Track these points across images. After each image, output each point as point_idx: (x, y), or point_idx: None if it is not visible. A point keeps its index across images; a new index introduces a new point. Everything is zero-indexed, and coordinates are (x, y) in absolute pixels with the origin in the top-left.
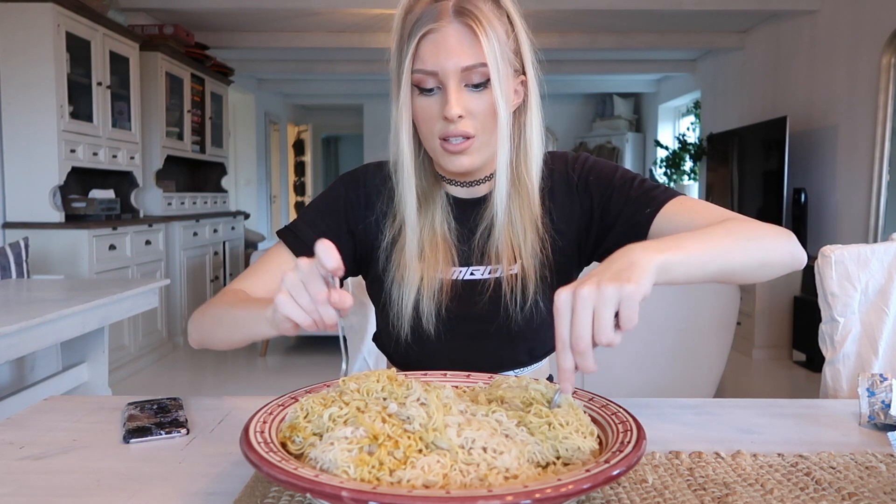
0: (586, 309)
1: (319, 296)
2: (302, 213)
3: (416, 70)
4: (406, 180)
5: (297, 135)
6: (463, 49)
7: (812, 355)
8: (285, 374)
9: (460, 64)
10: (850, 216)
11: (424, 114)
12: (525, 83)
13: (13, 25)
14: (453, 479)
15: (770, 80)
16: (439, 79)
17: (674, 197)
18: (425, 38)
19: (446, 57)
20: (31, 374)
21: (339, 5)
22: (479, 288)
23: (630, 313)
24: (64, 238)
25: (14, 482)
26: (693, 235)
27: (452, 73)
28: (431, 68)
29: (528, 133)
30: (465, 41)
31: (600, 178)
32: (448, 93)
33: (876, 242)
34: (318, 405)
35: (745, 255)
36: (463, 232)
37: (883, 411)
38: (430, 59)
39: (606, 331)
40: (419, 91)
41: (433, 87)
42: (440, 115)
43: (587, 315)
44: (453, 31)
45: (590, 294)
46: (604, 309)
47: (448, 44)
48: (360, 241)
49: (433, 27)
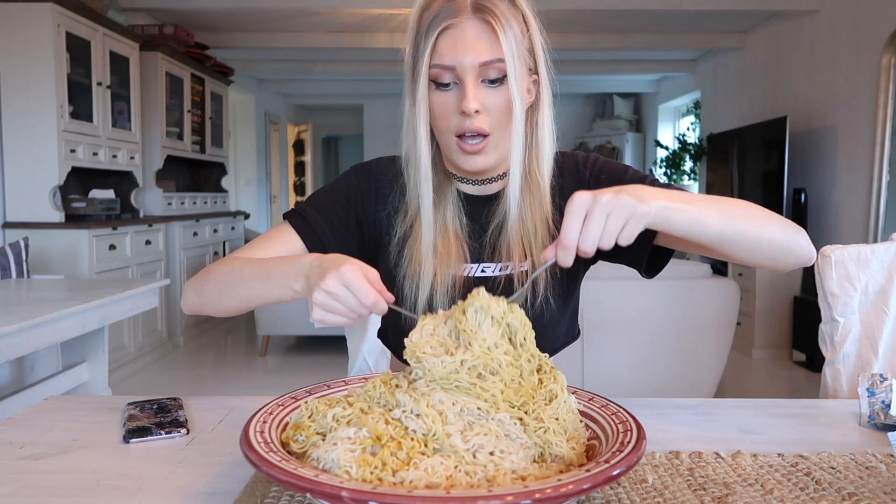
0: (602, 213)
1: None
2: (310, 198)
3: (434, 65)
4: (423, 175)
5: (297, 135)
6: (481, 44)
7: (812, 355)
8: (285, 374)
9: (478, 59)
10: (850, 216)
11: (440, 109)
12: (538, 82)
13: (13, 25)
14: (458, 480)
15: (770, 80)
16: (456, 74)
17: None
18: (444, 33)
19: (464, 52)
20: (31, 374)
21: (339, 5)
22: (489, 284)
23: (634, 230)
24: (64, 238)
25: (14, 482)
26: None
27: (470, 68)
28: (449, 63)
29: (540, 131)
30: (482, 37)
31: (611, 178)
32: (465, 87)
33: (876, 242)
34: (323, 405)
35: (749, 225)
36: (474, 228)
37: (883, 411)
38: (448, 54)
39: (611, 236)
40: (436, 86)
41: (450, 82)
42: (456, 110)
43: (601, 218)
44: (471, 26)
45: (609, 201)
46: (616, 218)
47: (466, 39)
48: (368, 233)
49: (452, 23)
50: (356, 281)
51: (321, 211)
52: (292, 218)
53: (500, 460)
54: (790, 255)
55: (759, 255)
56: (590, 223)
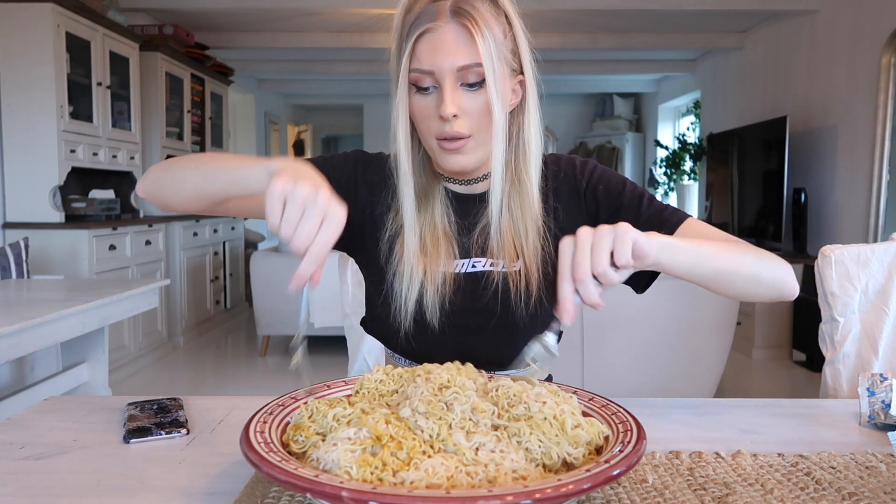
0: (585, 243)
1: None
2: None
3: (413, 69)
4: (403, 178)
5: (297, 135)
6: (459, 49)
7: (812, 355)
8: (285, 374)
9: (456, 64)
10: (850, 216)
11: (421, 112)
12: (523, 83)
13: (13, 25)
14: (458, 480)
15: (770, 80)
16: (435, 78)
17: (684, 220)
18: (422, 37)
19: (442, 57)
20: (31, 374)
21: (339, 5)
22: (482, 282)
23: (623, 248)
24: (64, 238)
25: (14, 482)
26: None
27: (448, 72)
28: (428, 67)
29: (525, 133)
30: (460, 41)
31: (609, 189)
32: (443, 92)
33: (876, 242)
34: (323, 405)
35: (740, 264)
36: (463, 225)
37: (883, 411)
38: (427, 58)
39: (602, 261)
40: (416, 90)
41: (429, 86)
42: (436, 114)
43: (586, 248)
44: (449, 30)
45: (588, 233)
46: (600, 243)
47: (444, 43)
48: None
49: (430, 27)
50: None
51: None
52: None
53: (501, 459)
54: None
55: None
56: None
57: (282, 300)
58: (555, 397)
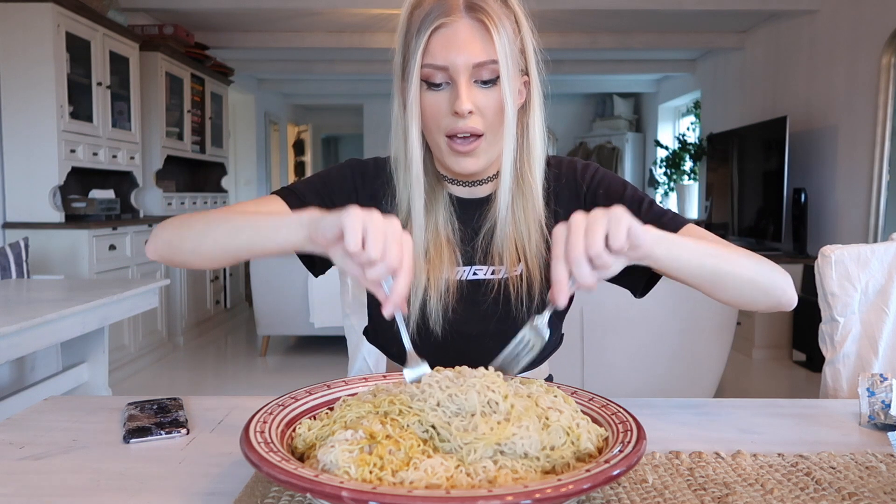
0: (579, 227)
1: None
2: (304, 179)
3: (426, 64)
4: (414, 178)
5: (297, 135)
6: (474, 44)
7: (812, 355)
8: (285, 374)
9: (472, 59)
10: (850, 216)
11: (432, 109)
12: (528, 84)
13: (13, 25)
14: (458, 481)
15: (770, 80)
16: (449, 74)
17: (683, 225)
18: (436, 32)
19: (457, 52)
20: (31, 374)
21: (339, 5)
22: (484, 288)
23: (617, 231)
24: (64, 238)
25: (14, 482)
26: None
27: (463, 68)
28: (442, 63)
29: (531, 133)
30: (476, 36)
31: (609, 193)
32: (459, 88)
33: (876, 242)
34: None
35: (738, 266)
36: (466, 232)
37: (883, 411)
38: (441, 53)
39: (596, 242)
40: (427, 86)
41: (441, 82)
42: (448, 111)
43: (580, 230)
44: (465, 25)
45: (582, 217)
46: (595, 225)
47: (459, 38)
48: None
49: (444, 21)
50: (389, 229)
51: (313, 192)
52: (285, 194)
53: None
54: (773, 298)
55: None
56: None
57: (282, 300)
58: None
